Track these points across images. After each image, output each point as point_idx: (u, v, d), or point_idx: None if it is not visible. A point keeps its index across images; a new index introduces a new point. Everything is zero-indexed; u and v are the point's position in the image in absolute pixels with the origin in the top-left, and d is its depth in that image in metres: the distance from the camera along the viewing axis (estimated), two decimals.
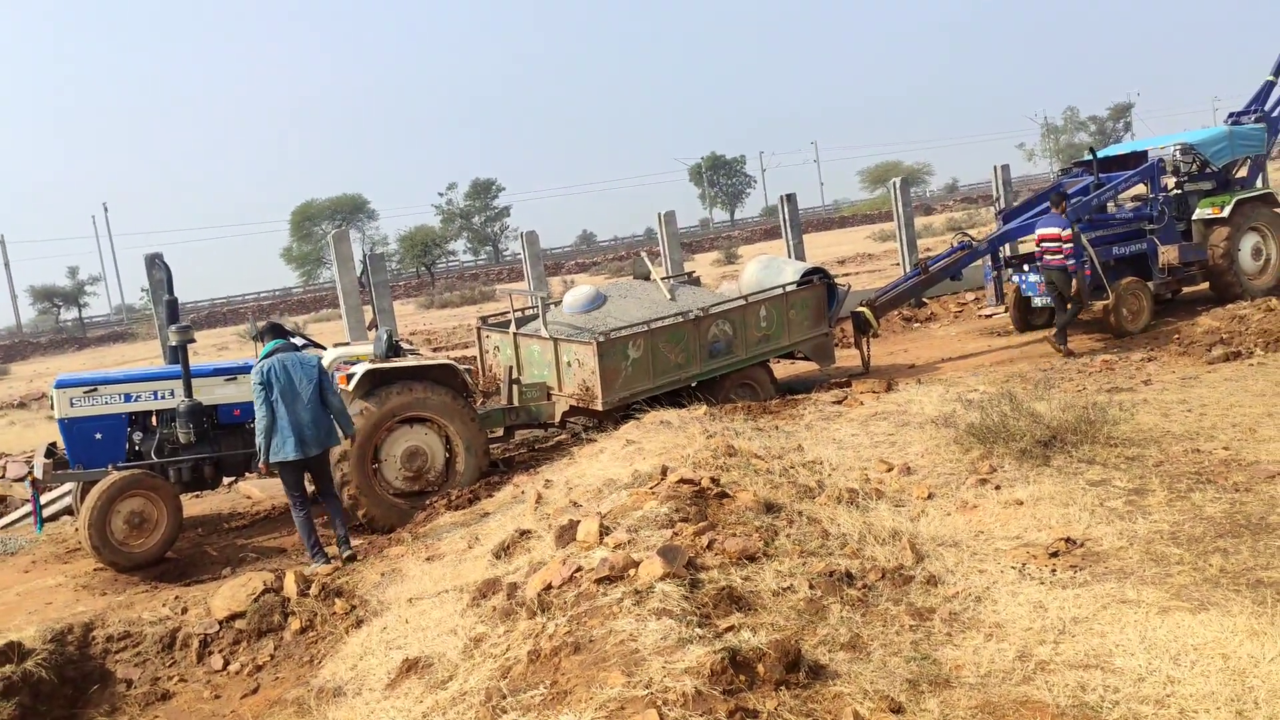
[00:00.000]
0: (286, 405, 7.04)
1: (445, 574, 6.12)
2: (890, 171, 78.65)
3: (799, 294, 10.77)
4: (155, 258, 11.45)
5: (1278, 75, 14.83)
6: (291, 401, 7.05)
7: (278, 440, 7.05)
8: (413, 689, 4.47)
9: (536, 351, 9.98)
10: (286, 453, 7.05)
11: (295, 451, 7.04)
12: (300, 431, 7.06)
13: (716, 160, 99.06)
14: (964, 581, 4.81)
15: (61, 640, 6.20)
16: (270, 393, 7.03)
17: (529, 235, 15.02)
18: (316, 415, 7.15)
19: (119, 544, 7.58)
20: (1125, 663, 3.85)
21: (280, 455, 7.06)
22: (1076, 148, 79.48)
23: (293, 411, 7.04)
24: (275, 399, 7.03)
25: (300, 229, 75.16)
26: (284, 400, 7.04)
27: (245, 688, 5.93)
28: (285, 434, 7.04)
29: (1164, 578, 4.59)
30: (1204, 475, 6.04)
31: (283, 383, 7.05)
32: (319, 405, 7.17)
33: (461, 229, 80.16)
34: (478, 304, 37.24)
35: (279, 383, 7.05)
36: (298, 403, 7.06)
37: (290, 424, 7.03)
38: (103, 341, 48.09)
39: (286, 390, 7.05)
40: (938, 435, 7.29)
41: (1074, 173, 14.51)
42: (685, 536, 4.88)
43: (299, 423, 7.05)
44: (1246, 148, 13.94)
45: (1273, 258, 13.52)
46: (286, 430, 7.03)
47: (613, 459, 7.14)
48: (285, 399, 7.04)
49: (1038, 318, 13.86)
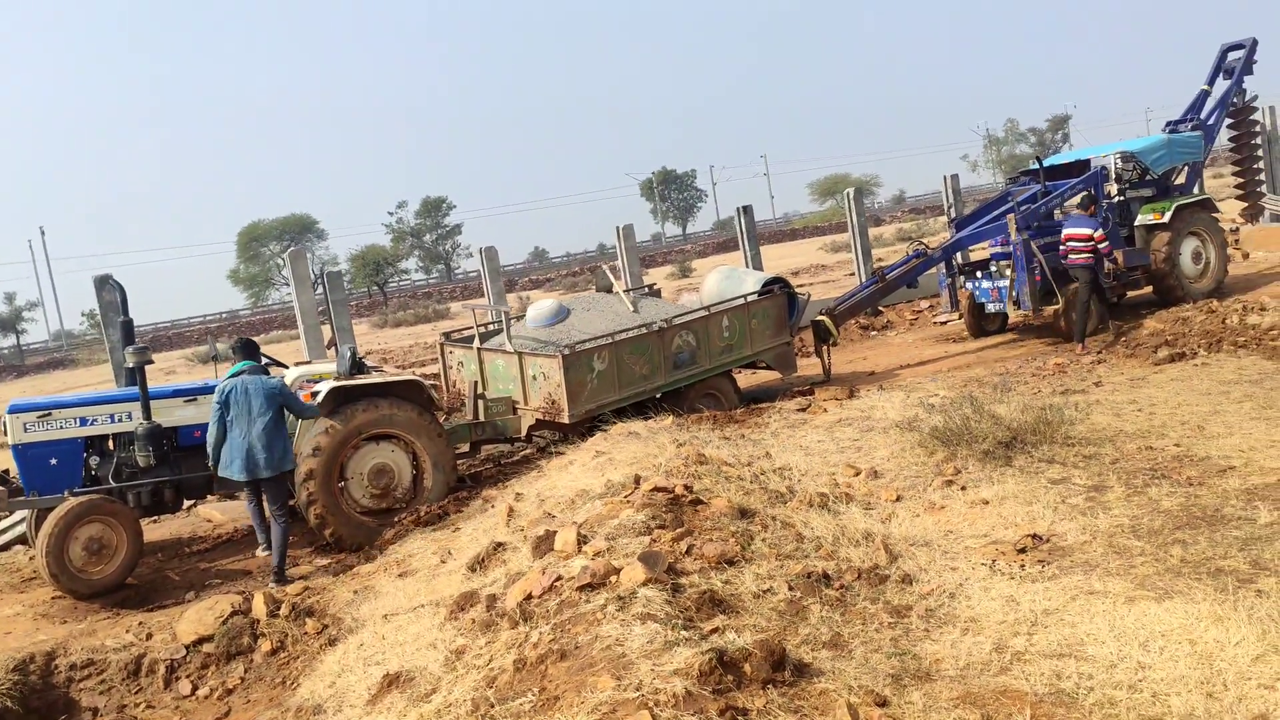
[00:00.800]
0: (240, 427, 7.24)
1: (420, 589, 6.08)
2: (839, 184, 79.76)
3: (760, 304, 10.90)
4: (106, 279, 11.23)
5: (1212, 85, 15.42)
6: (246, 425, 7.23)
7: (225, 458, 7.30)
8: (395, 703, 4.44)
9: (501, 366, 9.97)
10: (233, 472, 7.29)
11: (241, 473, 7.25)
12: (250, 454, 7.22)
13: (667, 175, 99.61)
14: (938, 579, 4.92)
15: (24, 670, 6.05)
16: (226, 412, 7.27)
17: (488, 251, 15.01)
18: (270, 439, 7.26)
19: (78, 571, 7.39)
20: (1097, 651, 3.98)
21: (227, 473, 7.35)
22: (1018, 158, 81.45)
23: (245, 434, 7.22)
24: (231, 420, 7.26)
25: (247, 250, 73.93)
26: (238, 422, 7.25)
27: (216, 712, 5.83)
28: (234, 454, 7.25)
29: (1128, 569, 4.74)
30: (1158, 471, 6.25)
31: (240, 405, 7.25)
32: (274, 429, 7.29)
33: (413, 247, 79.54)
34: (432, 322, 37.00)
35: (236, 405, 7.26)
36: (252, 426, 7.23)
37: (240, 445, 7.22)
38: (43, 369, 46.82)
39: (242, 413, 7.25)
40: (902, 439, 7.43)
41: (1021, 181, 14.89)
42: (664, 543, 4.92)
43: (250, 446, 7.22)
44: (1184, 155, 14.44)
45: (1212, 261, 13.99)
46: (235, 450, 7.24)
47: (583, 470, 7.16)
48: (239, 421, 7.25)
49: (991, 323, 14.18)
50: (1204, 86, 15.46)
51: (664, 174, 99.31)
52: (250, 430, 7.19)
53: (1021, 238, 12.64)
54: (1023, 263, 12.66)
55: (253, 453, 7.18)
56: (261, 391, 7.27)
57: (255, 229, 74.50)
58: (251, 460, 7.18)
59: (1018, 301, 12.88)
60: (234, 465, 7.22)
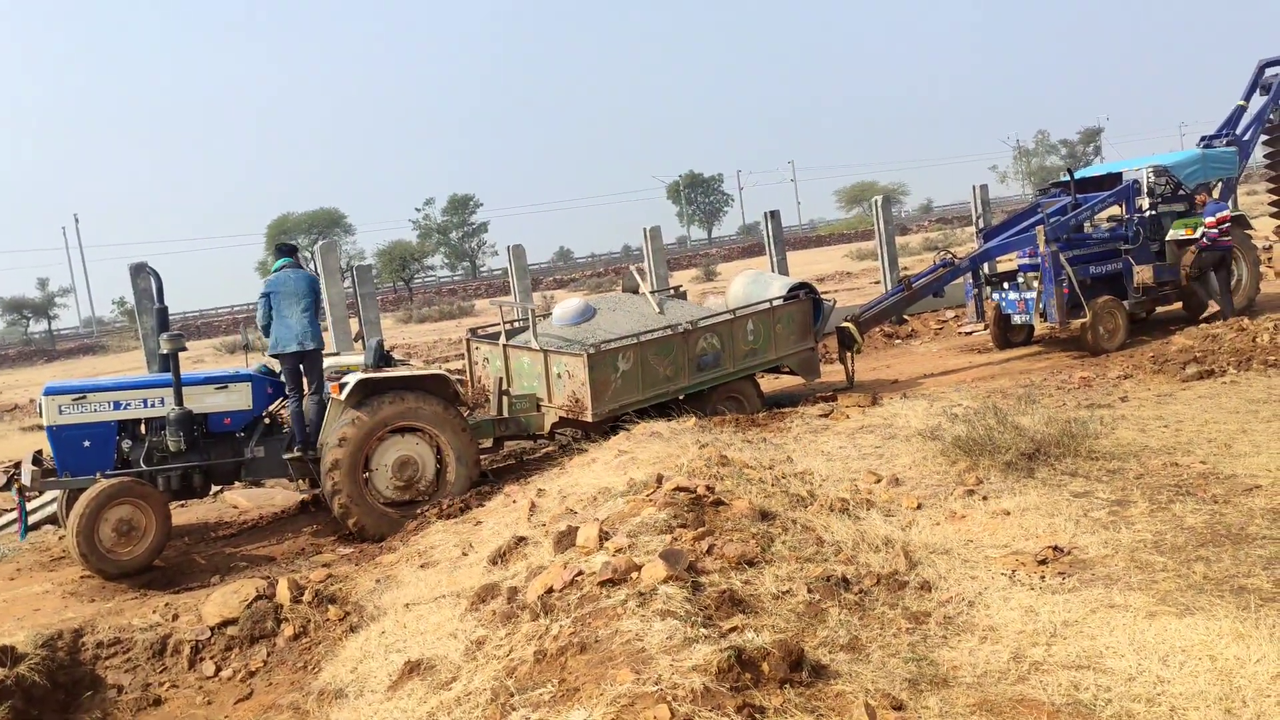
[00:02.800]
0: (289, 311, 8.44)
1: (441, 580, 6.15)
2: (866, 191, 79.52)
3: (785, 309, 10.91)
4: (142, 266, 11.41)
5: (1248, 100, 15.27)
6: (294, 308, 8.44)
7: (280, 338, 8.42)
8: (416, 690, 4.51)
9: (526, 363, 10.04)
10: (288, 347, 8.40)
11: (294, 344, 8.39)
12: (300, 331, 8.41)
13: (694, 178, 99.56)
14: (957, 587, 4.93)
15: (52, 646, 6.16)
16: (282, 298, 8.47)
17: (516, 249, 15.11)
18: (311, 320, 8.51)
19: (107, 551, 7.54)
20: (1116, 664, 3.97)
21: (280, 349, 8.43)
22: (1048, 170, 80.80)
23: (294, 315, 8.42)
24: (278, 305, 8.47)
25: (276, 242, 74.65)
26: (287, 307, 8.45)
27: (238, 693, 5.92)
28: (288, 332, 8.42)
29: (1150, 584, 4.73)
30: (1183, 488, 6.21)
31: (287, 293, 8.48)
32: (313, 313, 8.57)
33: (439, 244, 79.98)
34: (456, 319, 37.26)
35: (284, 293, 8.48)
36: (297, 308, 8.45)
37: (291, 325, 8.40)
38: (73, 354, 47.57)
39: (290, 299, 8.46)
40: (924, 448, 7.43)
41: (1052, 193, 14.82)
42: (685, 541, 4.96)
43: (299, 324, 8.40)
44: (1218, 170, 14.33)
45: (1244, 278, 13.85)
46: (289, 329, 8.41)
47: (605, 468, 7.21)
48: (289, 306, 8.45)
49: (1017, 335, 14.11)
50: (1240, 102, 15.32)
51: (690, 177, 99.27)
52: (296, 310, 8.41)
53: (1050, 250, 12.58)
54: (1051, 275, 12.60)
55: (301, 330, 8.37)
56: (304, 280, 8.58)
57: (284, 222, 75.15)
58: (302, 335, 8.37)
59: (1045, 314, 12.82)
60: (290, 342, 8.37)
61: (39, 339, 60.58)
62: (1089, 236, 13.46)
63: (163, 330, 8.51)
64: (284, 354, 8.43)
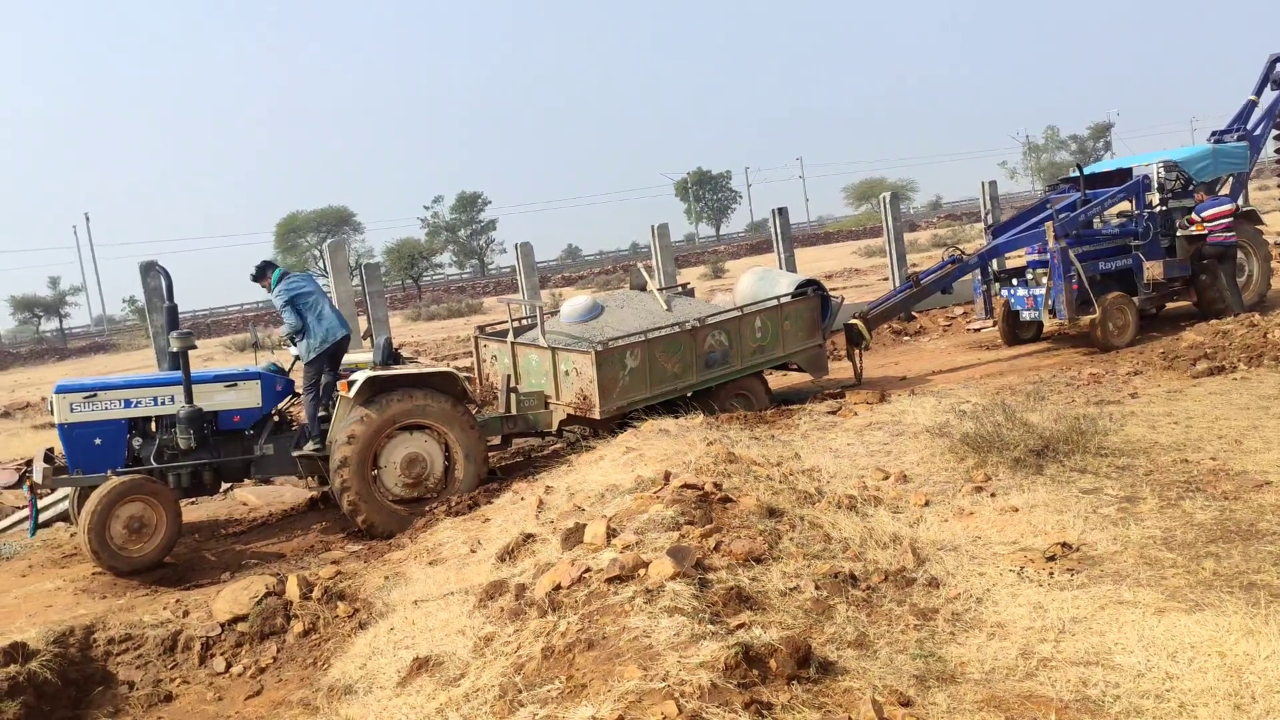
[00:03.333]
0: (324, 303, 8.67)
1: (449, 577, 6.18)
2: (874, 188, 79.25)
3: (794, 305, 10.90)
4: (152, 264, 11.46)
5: (1259, 95, 15.18)
6: (320, 301, 8.66)
7: (330, 327, 8.57)
8: (425, 686, 4.53)
9: (534, 360, 10.05)
10: (338, 333, 8.61)
11: (343, 329, 8.69)
12: (338, 319, 8.73)
13: (702, 175, 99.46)
14: (964, 584, 4.93)
15: (63, 642, 6.19)
16: (309, 296, 8.59)
17: (524, 246, 15.12)
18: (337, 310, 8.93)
19: (118, 548, 7.58)
20: (1125, 660, 3.97)
21: (331, 339, 8.57)
22: (1058, 166, 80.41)
23: (324, 306, 8.66)
24: (316, 298, 8.63)
25: (285, 241, 74.91)
26: (321, 300, 8.67)
27: (248, 689, 5.95)
28: (335, 320, 8.66)
29: (1159, 580, 4.72)
30: (1193, 484, 6.19)
31: (314, 289, 8.72)
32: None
33: (447, 242, 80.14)
34: (465, 316, 37.30)
35: (312, 290, 8.68)
36: (323, 301, 8.72)
37: (332, 314, 8.69)
38: (84, 352, 47.80)
39: (318, 294, 8.71)
40: (932, 445, 7.42)
41: (1061, 189, 14.75)
42: (692, 538, 4.97)
43: (333, 313, 8.70)
44: (1229, 165, 14.24)
45: (1255, 274, 13.77)
46: (334, 318, 8.67)
47: (613, 465, 7.22)
48: (321, 299, 8.68)
49: (1026, 331, 14.05)
50: (1251, 96, 15.23)
51: (699, 174, 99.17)
52: (325, 303, 8.70)
53: (1059, 246, 12.53)
54: (1060, 271, 12.55)
55: (340, 317, 8.77)
56: (311, 278, 8.95)
57: (293, 220, 75.48)
58: (343, 321, 8.78)
59: (1054, 310, 12.77)
60: (339, 328, 8.65)
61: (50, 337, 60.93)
62: (1099, 232, 13.40)
63: (173, 328, 8.56)
64: (337, 340, 8.63)
